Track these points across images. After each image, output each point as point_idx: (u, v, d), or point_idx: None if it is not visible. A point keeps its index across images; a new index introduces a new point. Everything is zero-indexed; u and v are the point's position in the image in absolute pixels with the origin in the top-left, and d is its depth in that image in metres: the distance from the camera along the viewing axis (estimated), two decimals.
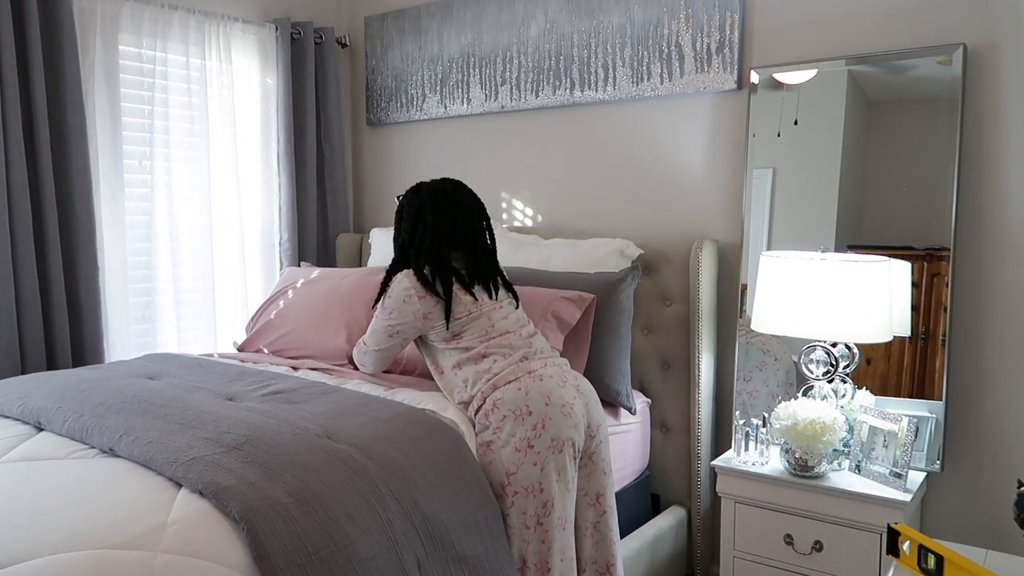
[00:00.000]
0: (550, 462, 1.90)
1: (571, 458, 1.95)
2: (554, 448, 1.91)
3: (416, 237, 2.09)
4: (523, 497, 1.88)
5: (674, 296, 2.61)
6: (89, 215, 2.66)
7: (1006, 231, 2.17)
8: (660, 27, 2.69)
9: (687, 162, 2.72)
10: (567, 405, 1.95)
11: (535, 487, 1.88)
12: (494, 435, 1.93)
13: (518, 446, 1.90)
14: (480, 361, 2.02)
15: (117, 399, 1.91)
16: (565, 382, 2.01)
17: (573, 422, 1.95)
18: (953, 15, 2.21)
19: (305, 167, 3.36)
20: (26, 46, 2.51)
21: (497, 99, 3.12)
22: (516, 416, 1.91)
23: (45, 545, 1.32)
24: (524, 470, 1.88)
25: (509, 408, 1.93)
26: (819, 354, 2.23)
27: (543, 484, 1.89)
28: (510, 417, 1.92)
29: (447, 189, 2.13)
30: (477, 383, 2.00)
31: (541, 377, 1.98)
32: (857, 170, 2.34)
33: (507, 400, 1.93)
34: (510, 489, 1.88)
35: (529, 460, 1.89)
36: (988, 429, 2.23)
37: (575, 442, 1.96)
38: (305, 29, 3.31)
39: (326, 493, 1.56)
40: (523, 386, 1.95)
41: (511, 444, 1.90)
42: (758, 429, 2.29)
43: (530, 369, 1.99)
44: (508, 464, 1.89)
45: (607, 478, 2.08)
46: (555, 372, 2.02)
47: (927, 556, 1.40)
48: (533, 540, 1.88)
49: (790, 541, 2.17)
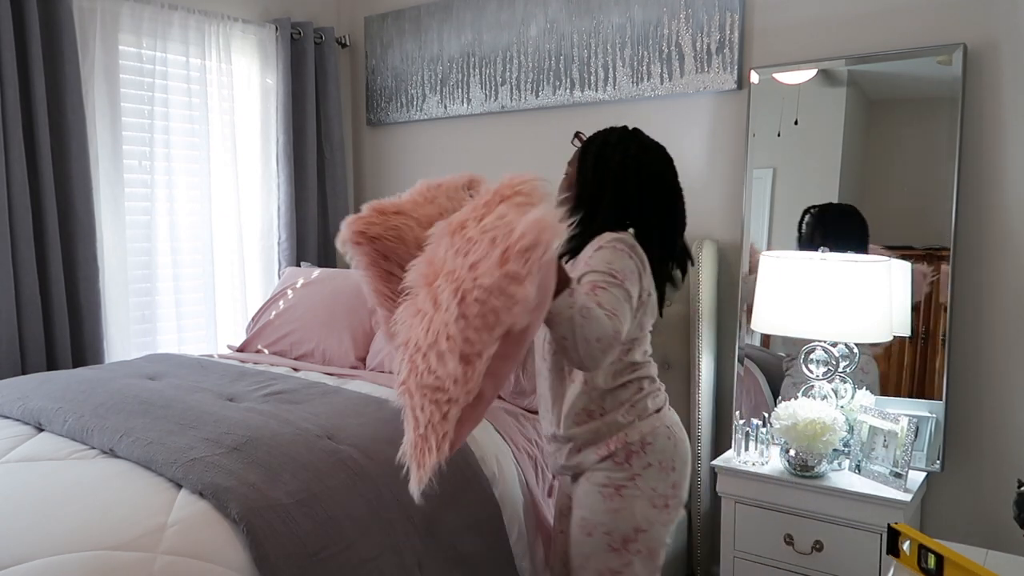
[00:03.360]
0: (672, 525, 1.69)
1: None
2: (678, 510, 1.70)
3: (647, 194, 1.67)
4: (644, 558, 1.65)
5: (674, 296, 2.61)
6: (89, 215, 2.66)
7: (1006, 231, 2.17)
8: (660, 27, 2.69)
9: (687, 162, 2.72)
10: (689, 464, 1.74)
11: (659, 551, 1.67)
12: (630, 481, 1.64)
13: (655, 502, 1.65)
14: (639, 384, 1.68)
15: (117, 399, 1.91)
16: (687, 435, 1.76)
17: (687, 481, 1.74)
18: (953, 15, 2.21)
19: (305, 167, 3.36)
20: (26, 46, 2.51)
21: (497, 99, 3.12)
22: (661, 468, 1.66)
23: (45, 546, 1.32)
24: (656, 530, 1.65)
25: (657, 457, 1.65)
26: (819, 354, 2.23)
27: (663, 549, 1.68)
28: (655, 467, 1.65)
29: (664, 153, 1.72)
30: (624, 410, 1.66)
31: (680, 426, 1.73)
32: (857, 170, 2.34)
33: (657, 448, 1.66)
34: (634, 547, 1.64)
35: (662, 519, 1.66)
36: (988, 429, 2.23)
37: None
38: (305, 29, 3.31)
39: (327, 494, 1.56)
40: (673, 436, 1.69)
41: (648, 497, 1.64)
42: (758, 429, 2.29)
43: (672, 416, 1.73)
44: (641, 519, 1.64)
45: None
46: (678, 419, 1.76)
47: (927, 556, 1.40)
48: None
49: (790, 541, 2.17)
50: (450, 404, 1.25)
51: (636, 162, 1.67)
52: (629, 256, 1.57)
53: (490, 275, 1.24)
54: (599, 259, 1.57)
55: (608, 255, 1.57)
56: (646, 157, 1.68)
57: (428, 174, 3.45)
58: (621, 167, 1.66)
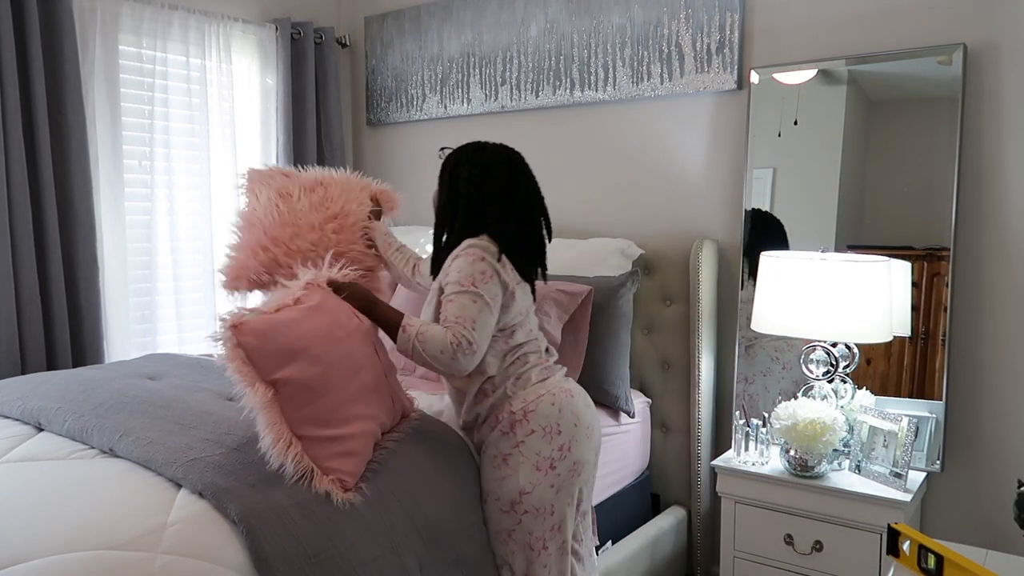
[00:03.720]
0: (567, 485, 1.80)
1: (584, 482, 1.86)
2: (574, 471, 1.81)
3: (489, 203, 1.83)
4: (533, 517, 1.78)
5: (674, 296, 2.61)
6: (89, 215, 2.66)
7: (1006, 231, 2.17)
8: (660, 27, 2.69)
9: (687, 162, 2.72)
10: (591, 427, 1.85)
11: (547, 509, 1.79)
12: (514, 448, 1.79)
13: (539, 465, 1.78)
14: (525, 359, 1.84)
15: (117, 399, 1.91)
16: (588, 402, 1.89)
17: (592, 444, 1.86)
18: (953, 15, 2.21)
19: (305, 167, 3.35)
20: (26, 46, 2.51)
21: (497, 99, 3.12)
22: (544, 432, 1.78)
23: (45, 546, 1.32)
24: (540, 491, 1.78)
25: (539, 423, 1.79)
26: (819, 354, 2.23)
27: (555, 506, 1.79)
28: (538, 433, 1.78)
29: (515, 157, 1.88)
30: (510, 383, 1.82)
31: (571, 393, 1.85)
32: (857, 170, 2.34)
33: (540, 414, 1.79)
34: (520, 507, 1.78)
35: (547, 481, 1.78)
36: (988, 429, 2.23)
37: (591, 465, 1.87)
38: (305, 29, 3.31)
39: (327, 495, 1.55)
40: (557, 401, 1.81)
41: (532, 461, 1.78)
42: (758, 429, 2.29)
43: (561, 384, 1.85)
44: (524, 482, 1.77)
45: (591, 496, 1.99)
46: (578, 389, 1.89)
47: (927, 556, 1.40)
48: (536, 562, 1.80)
49: (790, 541, 2.17)
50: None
51: (482, 175, 1.83)
52: (481, 259, 1.75)
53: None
54: (453, 269, 1.77)
55: (460, 263, 1.76)
56: (492, 171, 1.84)
57: (429, 174, 3.47)
58: (467, 183, 1.84)
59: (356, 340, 1.72)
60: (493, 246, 1.80)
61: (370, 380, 1.72)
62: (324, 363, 1.63)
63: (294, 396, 1.58)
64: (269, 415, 1.56)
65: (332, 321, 1.68)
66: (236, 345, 1.56)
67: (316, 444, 1.59)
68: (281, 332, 1.60)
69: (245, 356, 1.56)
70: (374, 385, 1.73)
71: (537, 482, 1.78)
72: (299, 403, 1.58)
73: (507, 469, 1.80)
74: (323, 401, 1.61)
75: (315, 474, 1.55)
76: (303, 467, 1.55)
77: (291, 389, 1.58)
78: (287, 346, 1.59)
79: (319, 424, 1.60)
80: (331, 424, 1.61)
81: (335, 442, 1.61)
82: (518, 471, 1.78)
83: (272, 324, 1.60)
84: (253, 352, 1.56)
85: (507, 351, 1.83)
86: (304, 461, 1.55)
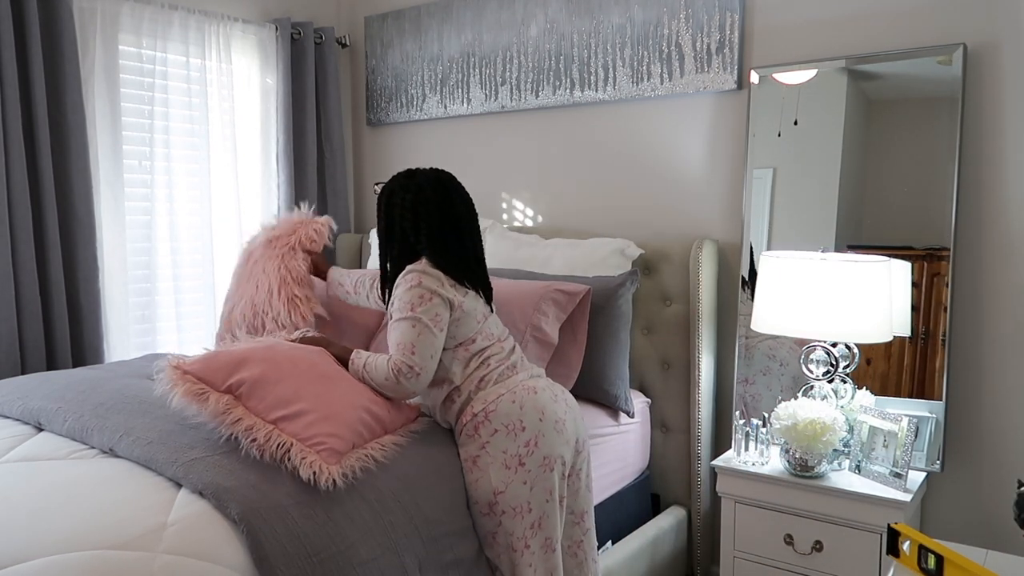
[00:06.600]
0: (541, 481, 1.81)
1: (561, 476, 1.86)
2: (546, 466, 1.82)
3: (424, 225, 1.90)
4: (511, 517, 1.78)
5: (674, 296, 2.61)
6: (89, 215, 2.66)
7: (1006, 231, 2.17)
8: (660, 27, 2.69)
9: (687, 162, 2.72)
10: (560, 421, 1.86)
11: (524, 507, 1.79)
12: (481, 450, 1.81)
13: (508, 463, 1.80)
14: (487, 363, 1.89)
15: (117, 399, 1.91)
16: (556, 396, 1.91)
17: (565, 439, 1.86)
18: (953, 15, 2.21)
19: (305, 167, 3.36)
20: (26, 46, 2.51)
21: (497, 99, 3.12)
22: (508, 430, 1.81)
23: (45, 545, 1.32)
24: (513, 489, 1.79)
25: (501, 422, 1.81)
26: (819, 354, 2.23)
27: (532, 504, 1.80)
28: (502, 432, 1.81)
29: (445, 179, 1.96)
30: (472, 385, 1.87)
31: (535, 390, 1.86)
32: (857, 170, 2.34)
33: (500, 412, 1.82)
34: (498, 508, 1.79)
35: (519, 478, 1.79)
36: (988, 429, 2.23)
37: (566, 459, 1.87)
38: (305, 29, 3.31)
39: (327, 495, 1.56)
40: (518, 399, 1.83)
41: (500, 460, 1.80)
42: (758, 429, 2.29)
43: (524, 382, 1.88)
44: (496, 482, 1.79)
45: (590, 495, 2.00)
46: (547, 385, 1.92)
47: (927, 556, 1.40)
48: (520, 563, 1.79)
49: (790, 541, 2.17)
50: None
51: (415, 200, 1.91)
52: (418, 284, 1.82)
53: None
54: (396, 297, 1.86)
55: (400, 291, 1.85)
56: (424, 194, 1.91)
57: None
58: (401, 208, 1.92)
59: (303, 350, 1.84)
60: (432, 268, 1.86)
61: (331, 371, 1.80)
62: (270, 361, 1.74)
63: (253, 392, 1.67)
64: (235, 414, 1.63)
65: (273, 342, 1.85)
66: (184, 372, 1.68)
67: (289, 421, 1.64)
68: (220, 354, 1.74)
69: (195, 377, 1.67)
70: (338, 376, 1.80)
71: (508, 480, 1.79)
72: (260, 396, 1.67)
73: (478, 471, 1.82)
74: (282, 386, 1.69)
75: (294, 446, 1.58)
76: (282, 440, 1.59)
77: (247, 387, 1.67)
78: (229, 360, 1.71)
79: (285, 404, 1.66)
80: (300, 399, 1.67)
81: (307, 414, 1.65)
82: (488, 472, 1.80)
83: (210, 353, 1.76)
84: (200, 372, 1.68)
85: (470, 358, 1.88)
86: (282, 437, 1.60)
